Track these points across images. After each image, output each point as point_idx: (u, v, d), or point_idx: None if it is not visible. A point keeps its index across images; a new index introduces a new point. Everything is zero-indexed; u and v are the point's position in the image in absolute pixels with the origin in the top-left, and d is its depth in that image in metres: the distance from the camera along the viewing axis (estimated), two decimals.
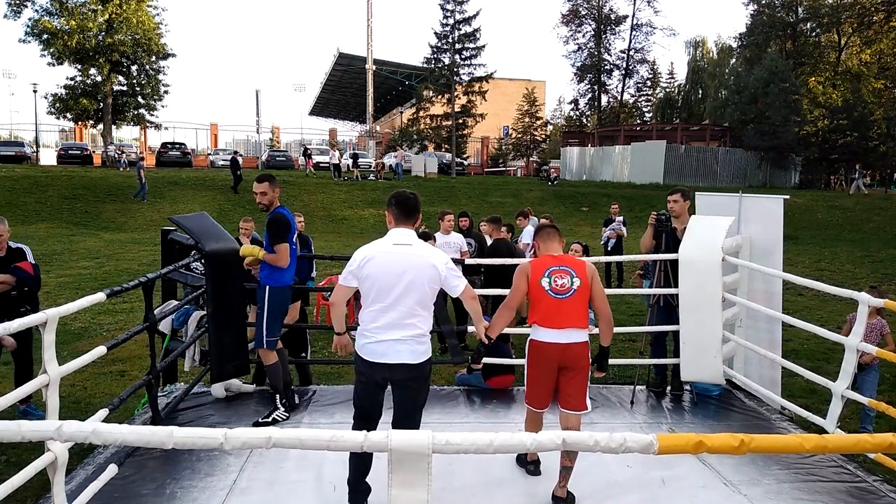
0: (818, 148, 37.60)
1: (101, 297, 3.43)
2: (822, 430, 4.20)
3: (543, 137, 49.82)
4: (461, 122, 37.61)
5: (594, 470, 3.92)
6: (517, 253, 7.09)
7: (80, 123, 35.73)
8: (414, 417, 3.36)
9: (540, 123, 48.78)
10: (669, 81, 55.54)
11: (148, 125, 34.86)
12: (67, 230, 18.42)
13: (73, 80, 30.72)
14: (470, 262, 6.18)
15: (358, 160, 31.51)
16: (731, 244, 5.13)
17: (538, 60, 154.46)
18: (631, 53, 48.93)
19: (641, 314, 8.38)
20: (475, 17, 35.98)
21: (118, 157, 30.61)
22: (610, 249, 11.09)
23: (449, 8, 35.69)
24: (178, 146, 35.43)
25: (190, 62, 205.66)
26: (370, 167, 33.12)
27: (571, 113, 54.40)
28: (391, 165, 32.18)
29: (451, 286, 3.27)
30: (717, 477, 3.92)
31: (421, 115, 38.52)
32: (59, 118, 32.63)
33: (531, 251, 3.68)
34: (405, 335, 3.18)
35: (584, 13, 48.45)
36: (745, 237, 5.45)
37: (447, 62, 36.19)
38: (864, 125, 36.34)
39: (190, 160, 34.89)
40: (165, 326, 5.33)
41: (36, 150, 34.72)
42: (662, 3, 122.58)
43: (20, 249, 5.00)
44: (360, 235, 18.69)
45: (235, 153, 28.28)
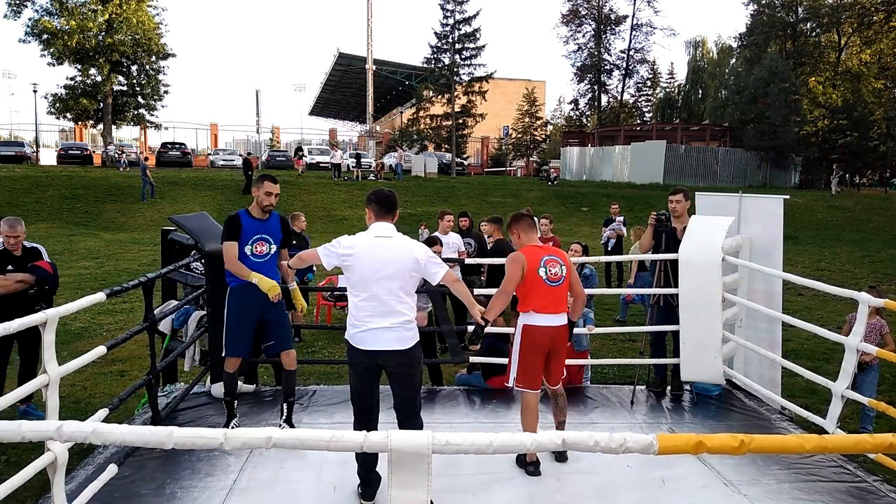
0: (818, 148, 37.60)
1: (101, 297, 3.43)
2: (822, 430, 4.20)
3: (543, 137, 49.81)
4: (461, 122, 37.60)
5: (594, 470, 3.92)
6: None
7: (80, 123, 35.75)
8: (414, 401, 3.50)
9: (540, 123, 48.77)
10: (669, 81, 55.60)
11: (148, 125, 34.89)
12: (67, 230, 18.42)
13: (73, 80, 30.75)
14: (470, 261, 6.18)
15: (361, 160, 31.49)
16: (731, 244, 5.13)
17: (538, 60, 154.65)
18: (631, 53, 48.96)
19: (641, 314, 8.38)
20: (475, 17, 36.01)
21: (118, 157, 30.59)
22: (610, 249, 11.09)
23: (449, 8, 35.69)
24: (178, 146, 35.40)
25: (190, 62, 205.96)
26: (370, 167, 33.11)
27: (571, 113, 54.44)
28: (391, 165, 32.17)
29: (430, 273, 3.39)
30: (717, 477, 3.91)
31: (421, 115, 38.51)
32: (59, 118, 32.68)
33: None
34: (393, 322, 3.32)
35: (584, 13, 48.46)
36: (745, 237, 5.45)
37: (447, 62, 36.18)
38: (864, 125, 36.34)
39: (190, 160, 34.86)
40: (165, 326, 5.33)
41: (36, 150, 34.69)
42: (662, 3, 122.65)
43: (35, 249, 5.02)
44: None
45: (248, 154, 28.19)
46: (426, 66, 37.52)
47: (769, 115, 33.66)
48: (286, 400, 4.47)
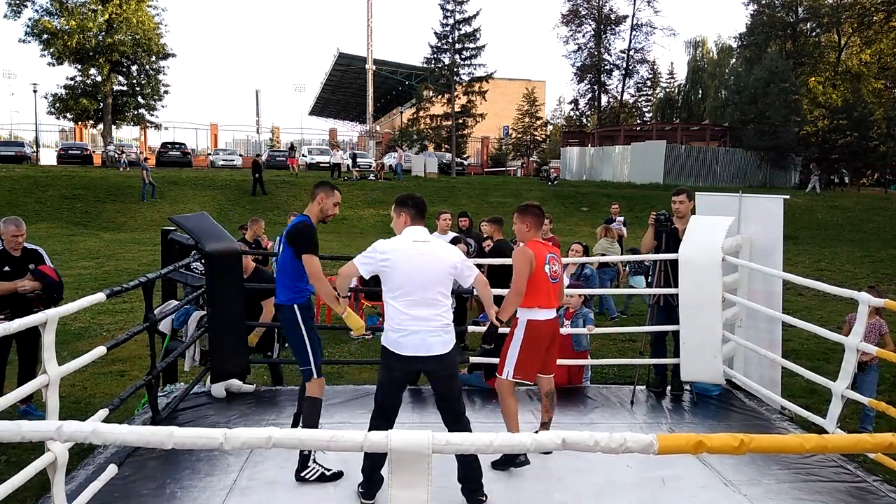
0: (818, 148, 37.59)
1: (101, 297, 3.43)
2: (822, 430, 4.20)
3: (543, 137, 49.81)
4: (461, 122, 37.60)
5: (594, 470, 3.92)
6: None
7: (80, 123, 35.78)
8: (459, 402, 3.54)
9: (540, 123, 48.78)
10: (669, 81, 55.59)
11: (148, 125, 34.92)
12: (67, 230, 18.41)
13: (73, 80, 30.77)
14: (470, 261, 6.17)
15: (357, 160, 31.49)
16: (731, 244, 5.13)
17: (538, 60, 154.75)
18: (631, 53, 48.94)
19: (641, 314, 8.38)
20: (475, 17, 36.00)
21: (118, 157, 30.59)
22: None
23: (449, 8, 35.69)
24: (178, 146, 35.43)
25: (190, 62, 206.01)
26: (370, 167, 33.11)
27: (571, 113, 54.42)
28: (391, 165, 32.17)
29: (464, 276, 3.53)
30: (717, 477, 3.92)
31: (421, 115, 38.51)
32: (59, 118, 32.72)
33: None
34: (433, 326, 3.37)
35: (584, 13, 48.44)
36: (745, 237, 5.46)
37: (447, 62, 36.18)
38: (864, 125, 36.31)
39: (190, 160, 34.88)
40: (165, 326, 5.33)
41: (36, 150, 34.72)
42: (662, 3, 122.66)
43: (36, 251, 4.95)
44: (359, 235, 18.68)
45: (257, 156, 27.95)
46: (426, 66, 37.52)
47: (769, 115, 33.65)
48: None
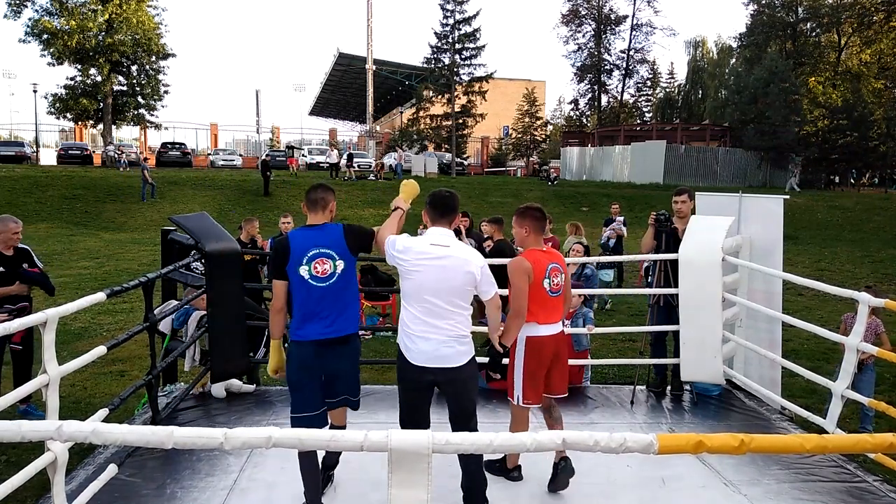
0: (818, 148, 37.60)
1: (101, 297, 3.43)
2: (822, 430, 4.20)
3: (543, 137, 49.80)
4: (461, 122, 37.61)
5: (594, 470, 3.92)
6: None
7: (80, 123, 35.77)
8: (472, 419, 3.33)
9: (540, 123, 48.77)
10: (669, 81, 55.60)
11: (148, 125, 34.92)
12: (67, 230, 18.42)
13: (73, 80, 30.77)
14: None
15: (353, 160, 31.52)
16: (731, 244, 5.13)
17: (538, 60, 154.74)
18: (631, 53, 48.96)
19: (641, 314, 8.38)
20: (475, 17, 36.03)
21: (118, 157, 30.60)
22: (610, 249, 11.10)
23: (449, 8, 35.71)
24: (178, 146, 35.46)
25: (190, 62, 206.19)
26: (370, 167, 33.08)
27: (571, 113, 54.45)
28: (391, 165, 32.15)
29: (482, 291, 3.23)
30: (717, 477, 3.91)
31: (421, 115, 38.52)
32: (59, 118, 32.72)
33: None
34: (447, 336, 3.15)
35: (584, 13, 48.47)
36: (745, 237, 5.45)
37: (447, 62, 36.20)
38: (864, 125, 36.34)
39: (190, 160, 34.91)
40: (165, 326, 5.32)
41: (36, 150, 34.72)
42: (662, 3, 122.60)
43: (26, 251, 5.06)
44: None
45: (266, 156, 27.95)
46: (426, 66, 37.54)
47: (769, 115, 33.66)
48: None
